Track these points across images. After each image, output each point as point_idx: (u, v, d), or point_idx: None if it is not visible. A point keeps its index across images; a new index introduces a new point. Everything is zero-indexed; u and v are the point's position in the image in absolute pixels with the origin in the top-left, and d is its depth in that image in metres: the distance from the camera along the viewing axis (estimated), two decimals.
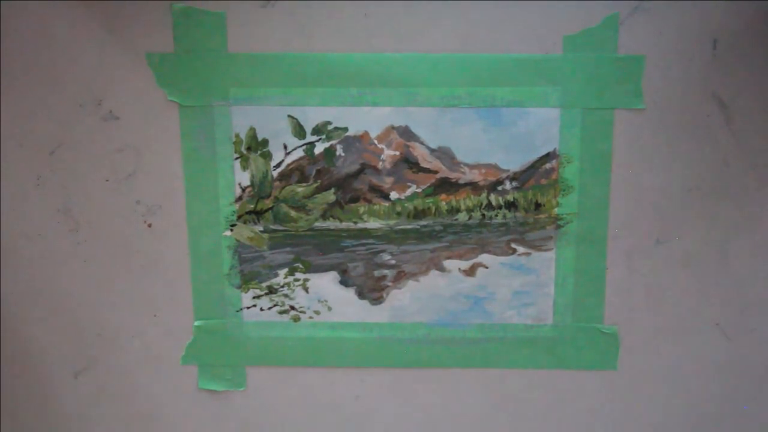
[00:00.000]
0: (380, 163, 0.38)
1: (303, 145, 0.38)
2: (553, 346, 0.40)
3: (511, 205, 0.38)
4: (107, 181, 0.39)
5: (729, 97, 0.37)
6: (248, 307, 0.40)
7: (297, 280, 0.40)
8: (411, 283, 0.40)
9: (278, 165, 0.38)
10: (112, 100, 0.38)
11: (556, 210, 0.38)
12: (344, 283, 0.40)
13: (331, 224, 0.39)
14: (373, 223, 0.39)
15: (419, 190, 0.39)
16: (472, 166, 0.38)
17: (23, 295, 0.40)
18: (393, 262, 0.39)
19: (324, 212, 0.39)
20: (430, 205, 0.39)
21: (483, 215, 0.39)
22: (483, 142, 0.38)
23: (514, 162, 0.38)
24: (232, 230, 0.39)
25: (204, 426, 0.42)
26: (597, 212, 0.38)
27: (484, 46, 0.37)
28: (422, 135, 0.38)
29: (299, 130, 0.38)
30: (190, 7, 0.36)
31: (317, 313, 0.40)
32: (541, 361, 0.40)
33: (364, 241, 0.39)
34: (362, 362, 0.41)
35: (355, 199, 0.39)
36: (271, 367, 0.41)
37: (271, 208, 0.39)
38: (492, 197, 0.38)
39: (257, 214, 0.39)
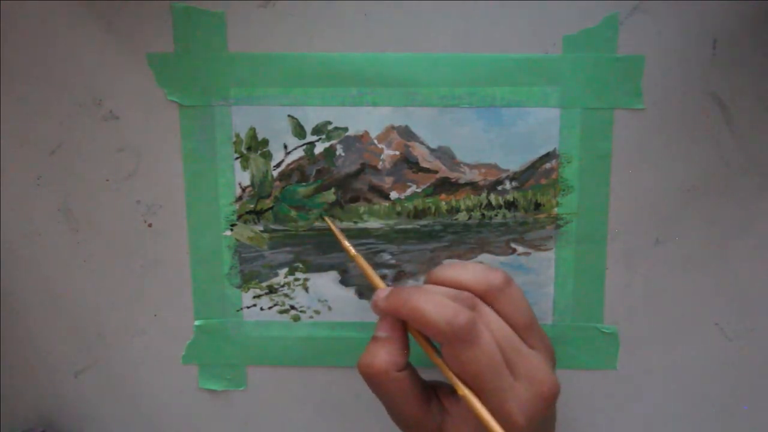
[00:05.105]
0: (380, 162, 0.38)
1: (303, 145, 0.38)
2: (552, 346, 0.40)
3: (510, 205, 0.38)
4: (107, 180, 0.39)
5: (729, 97, 0.37)
6: (248, 307, 0.40)
7: (297, 279, 0.40)
8: (411, 283, 0.40)
9: (278, 165, 0.38)
10: (112, 100, 0.38)
11: (555, 210, 0.38)
12: (344, 282, 0.40)
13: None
14: (373, 223, 0.39)
15: (419, 190, 0.39)
16: (472, 166, 0.38)
17: (23, 295, 0.40)
18: (393, 261, 0.39)
19: (324, 212, 0.39)
20: (430, 204, 0.39)
21: (483, 215, 0.39)
22: (483, 141, 0.38)
23: (513, 162, 0.38)
24: (232, 230, 0.39)
25: (204, 425, 0.42)
26: (597, 212, 0.38)
27: (484, 46, 0.37)
28: (422, 135, 0.38)
29: (299, 130, 0.38)
30: (190, 7, 0.36)
31: (317, 312, 0.40)
32: None
33: (364, 241, 0.39)
34: None
35: (355, 199, 0.39)
36: (271, 367, 0.41)
37: (271, 208, 0.39)
38: (492, 197, 0.38)
39: (257, 214, 0.39)
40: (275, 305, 0.40)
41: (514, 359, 0.30)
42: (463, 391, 0.30)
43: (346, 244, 0.36)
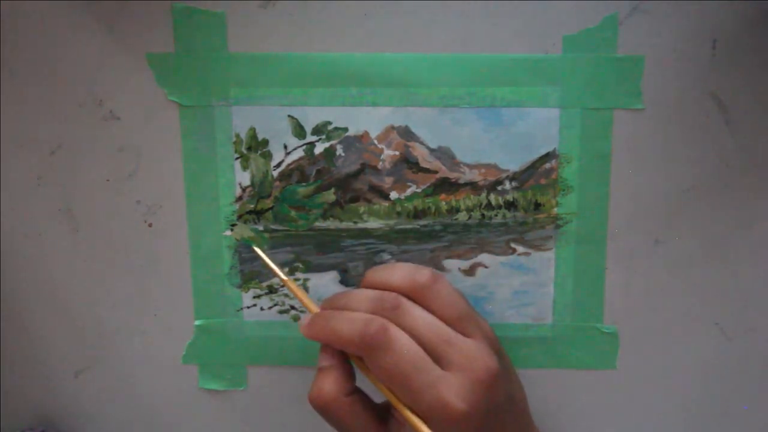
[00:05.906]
0: (380, 163, 0.38)
1: (303, 145, 0.38)
2: (552, 346, 0.40)
3: (510, 205, 0.38)
4: (107, 180, 0.39)
5: (729, 97, 0.37)
6: (248, 307, 0.40)
7: (297, 279, 0.40)
8: None
9: (278, 165, 0.38)
10: (112, 100, 0.38)
11: (555, 210, 0.38)
12: (344, 282, 0.40)
13: (331, 224, 0.39)
14: (373, 223, 0.39)
15: (419, 190, 0.39)
16: (472, 166, 0.38)
17: (23, 295, 0.40)
18: (393, 261, 0.39)
19: (324, 212, 0.39)
20: (430, 204, 0.39)
21: (483, 215, 0.39)
22: (483, 142, 0.38)
23: (513, 162, 0.38)
24: (232, 230, 0.39)
25: (204, 425, 0.42)
26: (596, 212, 0.38)
27: (484, 46, 0.37)
28: (422, 135, 0.38)
29: (299, 130, 0.38)
30: (191, 7, 0.36)
31: None
32: (541, 360, 0.40)
33: (364, 241, 0.39)
34: None
35: (355, 199, 0.39)
36: (271, 367, 0.41)
37: (271, 208, 0.39)
38: (492, 197, 0.38)
39: (257, 214, 0.39)
40: (275, 305, 0.40)
41: (445, 350, 0.31)
42: (388, 394, 0.32)
43: (277, 270, 0.37)
